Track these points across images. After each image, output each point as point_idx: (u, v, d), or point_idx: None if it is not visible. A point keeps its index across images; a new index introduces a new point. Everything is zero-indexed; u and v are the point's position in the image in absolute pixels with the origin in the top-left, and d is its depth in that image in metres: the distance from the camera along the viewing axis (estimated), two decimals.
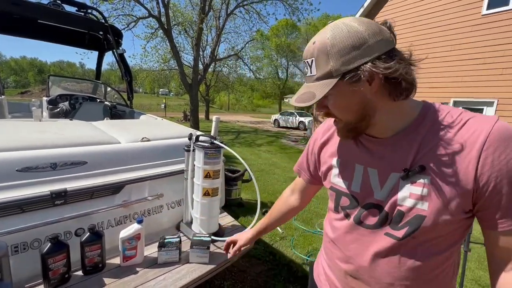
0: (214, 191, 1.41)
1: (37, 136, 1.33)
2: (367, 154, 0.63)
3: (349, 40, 0.50)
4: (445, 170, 0.53)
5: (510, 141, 0.49)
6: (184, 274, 1.14)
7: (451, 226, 0.56)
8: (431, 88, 7.19)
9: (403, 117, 0.58)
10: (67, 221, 1.13)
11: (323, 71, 0.53)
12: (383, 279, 0.62)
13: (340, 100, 0.57)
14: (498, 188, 0.50)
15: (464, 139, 0.52)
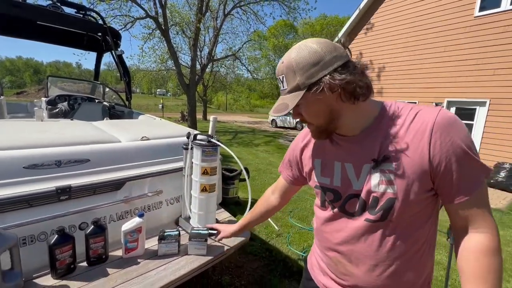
0: (211, 187, 1.48)
1: (41, 135, 1.39)
2: (342, 152, 0.73)
3: (309, 59, 0.62)
4: (405, 157, 0.63)
5: (451, 126, 0.60)
6: (183, 265, 1.20)
7: (419, 205, 0.65)
8: (425, 88, 7.32)
9: (366, 117, 0.69)
10: (71, 216, 1.19)
11: (292, 85, 0.65)
12: (368, 261, 0.70)
13: (309, 108, 0.67)
14: (449, 167, 0.60)
15: (416, 129, 0.62)
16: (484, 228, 0.62)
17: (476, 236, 0.62)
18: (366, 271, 0.71)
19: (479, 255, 0.60)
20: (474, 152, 0.61)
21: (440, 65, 6.94)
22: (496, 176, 5.70)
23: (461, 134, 0.60)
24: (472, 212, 0.62)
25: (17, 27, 3.20)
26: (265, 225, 3.25)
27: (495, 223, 0.62)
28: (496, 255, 0.60)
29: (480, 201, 0.62)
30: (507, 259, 2.90)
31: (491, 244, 0.61)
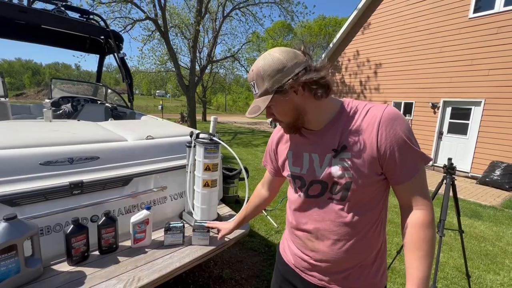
0: (213, 183, 1.57)
1: (53, 135, 1.48)
2: (310, 144, 0.84)
3: (274, 66, 0.72)
4: (359, 146, 0.74)
5: (395, 120, 0.72)
6: (188, 254, 1.29)
7: (372, 187, 0.77)
8: (422, 88, 7.43)
9: (328, 113, 0.80)
10: (83, 209, 1.29)
11: (261, 90, 0.75)
12: (331, 236, 0.81)
13: (278, 108, 0.78)
14: (392, 154, 0.72)
15: (368, 123, 0.74)
16: (421, 205, 0.74)
17: (415, 212, 0.74)
18: (329, 245, 0.81)
19: (416, 228, 0.73)
20: (413, 143, 0.72)
21: (435, 65, 7.06)
22: (491, 175, 5.81)
23: (402, 127, 0.71)
24: (412, 193, 0.74)
25: (22, 31, 3.29)
26: (264, 222, 3.34)
27: (430, 202, 0.74)
28: (430, 228, 0.72)
29: (419, 184, 0.74)
30: (499, 253, 3.00)
31: (425, 218, 0.73)
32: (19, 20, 2.93)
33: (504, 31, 5.86)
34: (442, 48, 6.88)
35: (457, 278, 2.47)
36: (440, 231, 1.83)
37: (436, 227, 0.76)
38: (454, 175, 1.90)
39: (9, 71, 73.63)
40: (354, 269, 0.81)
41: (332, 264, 0.82)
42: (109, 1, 9.93)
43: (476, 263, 2.77)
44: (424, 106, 7.44)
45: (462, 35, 6.51)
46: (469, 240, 3.25)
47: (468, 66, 6.46)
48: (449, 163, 1.89)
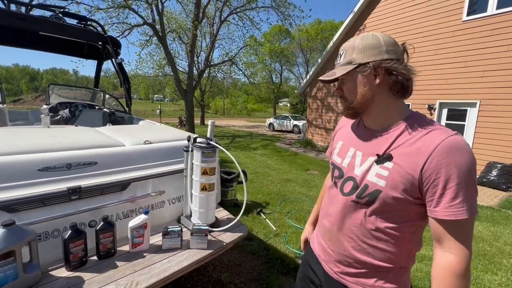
0: (210, 186, 1.59)
1: (51, 140, 1.49)
2: (359, 141, 0.84)
3: (370, 44, 0.73)
4: (404, 161, 0.71)
5: (456, 150, 0.65)
6: (186, 257, 1.30)
7: (401, 205, 0.72)
8: (418, 90, 7.49)
9: (392, 116, 0.77)
10: (81, 214, 1.29)
11: (346, 60, 0.76)
12: (348, 234, 0.83)
13: (351, 84, 0.77)
14: (436, 182, 0.66)
15: (424, 143, 0.69)
16: (455, 250, 0.67)
17: (445, 255, 0.68)
18: (345, 241, 0.84)
19: (445, 274, 0.67)
20: (467, 181, 0.64)
21: (431, 67, 7.14)
22: (488, 175, 5.85)
23: (462, 160, 0.64)
24: (448, 233, 0.67)
25: (20, 38, 3.31)
26: (263, 226, 3.34)
27: (468, 250, 0.67)
28: (460, 278, 0.66)
29: (460, 229, 0.67)
30: (497, 253, 3.02)
31: (458, 266, 0.66)
32: (17, 28, 2.95)
33: (497, 33, 5.95)
34: (437, 50, 6.97)
35: None
36: None
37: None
38: None
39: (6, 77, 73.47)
40: (368, 270, 0.81)
41: (345, 259, 0.84)
42: (107, 7, 9.99)
43: (474, 263, 2.78)
44: (420, 107, 7.50)
45: (456, 38, 6.60)
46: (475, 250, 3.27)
47: (463, 68, 6.54)
48: None
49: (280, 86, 32.06)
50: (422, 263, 2.69)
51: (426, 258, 2.80)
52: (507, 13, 5.80)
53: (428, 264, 2.67)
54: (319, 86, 11.02)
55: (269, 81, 29.50)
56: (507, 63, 5.84)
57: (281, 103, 47.27)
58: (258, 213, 3.75)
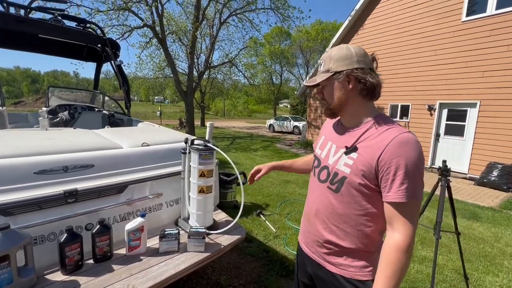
0: (208, 189, 1.58)
1: (48, 143, 1.49)
2: (336, 136, 0.98)
3: (343, 55, 0.87)
4: (365, 152, 0.84)
5: (405, 144, 0.78)
6: (183, 261, 1.29)
7: (364, 190, 0.85)
8: (418, 91, 7.49)
9: (362, 116, 0.91)
10: (78, 217, 1.29)
11: (325, 68, 0.90)
12: (322, 217, 0.96)
13: (330, 89, 0.92)
14: (388, 170, 0.78)
15: (382, 138, 0.82)
16: (402, 230, 0.78)
17: (393, 235, 0.79)
18: (319, 223, 0.97)
19: (391, 250, 0.78)
20: (414, 171, 0.76)
21: (431, 68, 7.13)
22: (489, 176, 5.83)
23: (410, 153, 0.77)
24: (397, 214, 0.79)
25: (20, 41, 3.31)
26: (263, 227, 3.33)
27: (413, 230, 0.77)
28: (403, 253, 0.76)
29: (406, 210, 0.78)
30: (498, 254, 3.00)
31: (402, 244, 0.77)
32: (16, 30, 2.95)
33: (496, 33, 5.95)
34: (437, 51, 6.96)
35: (456, 280, 2.46)
36: (436, 233, 1.83)
37: (433, 229, 0.80)
38: (448, 177, 1.91)
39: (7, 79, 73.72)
40: (338, 250, 0.92)
41: (318, 240, 0.97)
42: (107, 9, 10.02)
43: (475, 265, 2.76)
44: (420, 108, 7.49)
45: (456, 38, 6.60)
46: (467, 242, 3.25)
47: (462, 69, 6.53)
48: (444, 165, 1.90)
49: (280, 87, 32.06)
50: (423, 265, 2.68)
51: (426, 259, 2.78)
52: (507, 13, 5.80)
53: (429, 266, 2.65)
54: None
55: (269, 82, 29.51)
56: (507, 63, 5.83)
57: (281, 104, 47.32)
58: (258, 214, 3.74)
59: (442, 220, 1.84)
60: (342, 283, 0.91)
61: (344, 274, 0.91)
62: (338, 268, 0.92)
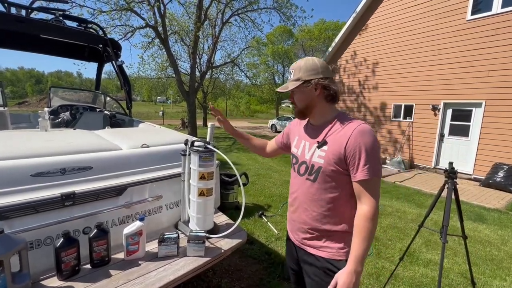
0: (208, 191, 1.54)
1: (46, 145, 1.46)
2: (307, 134, 1.14)
3: (311, 65, 1.05)
4: (334, 144, 1.00)
5: (364, 133, 0.96)
6: (182, 266, 1.26)
7: (337, 177, 1.00)
8: (421, 91, 7.40)
9: (327, 115, 1.09)
10: (75, 220, 1.26)
11: (295, 77, 1.07)
12: (303, 205, 1.11)
13: (299, 94, 1.09)
14: (354, 155, 0.95)
15: (346, 130, 0.99)
16: (368, 202, 0.94)
17: (362, 207, 0.96)
18: (301, 212, 1.11)
19: (361, 218, 0.95)
20: (372, 154, 0.94)
21: (435, 67, 7.05)
22: (495, 177, 5.74)
23: (368, 140, 0.95)
24: (363, 191, 0.95)
25: (22, 41, 3.30)
26: (264, 229, 3.29)
27: (376, 202, 0.95)
28: (371, 220, 0.93)
29: (370, 186, 0.95)
30: (505, 258, 2.93)
31: (368, 213, 0.93)
32: (17, 30, 2.94)
33: (501, 32, 5.85)
34: (441, 50, 6.87)
35: (462, 284, 2.41)
36: (443, 237, 1.78)
37: (439, 232, 0.87)
38: (455, 179, 1.85)
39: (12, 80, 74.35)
40: (319, 234, 1.07)
41: (302, 226, 1.11)
42: (109, 10, 10.03)
43: (481, 268, 2.70)
44: (424, 108, 7.41)
45: (460, 37, 6.51)
46: (473, 245, 3.19)
47: (467, 68, 6.44)
48: (450, 167, 1.85)
49: None
50: (428, 268, 2.63)
51: (432, 263, 2.73)
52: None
53: (434, 269, 2.60)
54: None
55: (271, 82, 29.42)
56: None
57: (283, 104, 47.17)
58: (260, 216, 3.70)
59: (448, 224, 1.79)
60: (322, 263, 1.06)
61: (324, 255, 1.05)
62: (319, 250, 1.07)
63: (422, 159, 7.58)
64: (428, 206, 4.67)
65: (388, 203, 4.63)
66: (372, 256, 2.83)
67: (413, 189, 5.64)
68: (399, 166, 7.59)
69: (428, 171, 7.34)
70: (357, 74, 9.28)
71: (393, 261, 2.71)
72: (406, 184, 6.00)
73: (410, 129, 7.80)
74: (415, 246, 3.10)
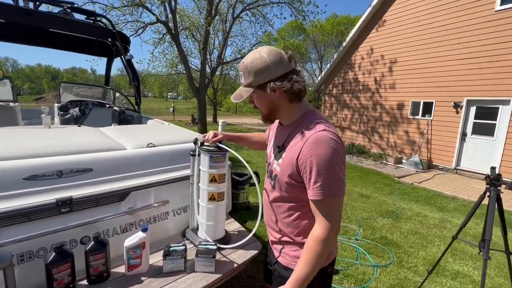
0: (219, 196, 1.39)
1: (44, 144, 1.34)
2: (276, 136, 1.03)
3: (259, 66, 0.85)
4: (290, 151, 0.88)
5: (319, 143, 0.79)
6: (190, 284, 1.11)
7: (291, 188, 0.89)
8: (442, 87, 7.00)
9: (292, 116, 0.94)
10: (72, 229, 1.13)
11: (246, 82, 0.90)
12: (268, 211, 1.04)
13: (258, 100, 0.93)
14: (306, 170, 0.81)
15: (300, 138, 0.85)
16: (321, 224, 0.82)
17: (315, 228, 0.84)
18: (268, 216, 1.05)
19: (310, 240, 0.83)
20: (328, 170, 0.78)
21: (458, 62, 6.63)
22: None
23: (324, 152, 0.78)
24: (318, 211, 0.82)
25: (30, 34, 3.24)
26: None
27: (331, 225, 0.81)
28: (320, 244, 0.80)
29: (326, 207, 0.81)
30: None
31: (319, 236, 0.81)
32: (25, 23, 2.87)
33: None
34: (465, 43, 6.45)
35: None
36: (485, 253, 1.56)
37: (478, 246, 0.67)
38: (499, 187, 1.62)
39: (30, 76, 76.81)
40: (279, 238, 1.01)
41: (269, 226, 1.06)
42: (121, 5, 10.02)
43: None
44: (445, 105, 7.01)
45: (487, 29, 6.07)
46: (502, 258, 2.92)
47: (494, 63, 6.01)
48: (494, 173, 1.62)
49: None
50: (456, 281, 2.40)
51: (460, 275, 2.50)
52: None
53: (463, 283, 2.37)
54: (334, 83, 10.62)
55: None
56: None
57: None
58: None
59: (491, 238, 1.56)
60: (279, 267, 1.00)
61: (282, 261, 0.99)
62: (279, 254, 1.01)
63: (441, 159, 7.20)
64: (450, 210, 4.40)
65: (407, 206, 4.37)
66: (393, 264, 2.62)
67: (433, 191, 5.33)
68: (417, 166, 7.25)
69: (448, 172, 6.97)
70: (372, 70, 8.91)
71: (417, 272, 2.50)
72: (425, 185, 5.69)
73: (429, 127, 7.41)
74: (440, 254, 2.87)
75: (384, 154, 8.52)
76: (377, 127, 8.97)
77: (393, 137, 8.46)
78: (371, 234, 3.26)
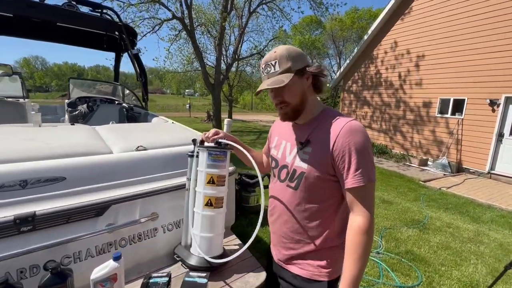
0: (218, 201, 1.15)
1: (14, 147, 1.16)
2: (289, 134, 0.98)
3: (296, 52, 0.88)
4: (319, 145, 0.87)
5: (354, 131, 0.82)
6: None
7: (323, 184, 0.87)
8: (476, 83, 6.36)
9: (313, 112, 0.93)
10: (33, 253, 0.93)
11: (284, 68, 0.85)
12: (284, 216, 0.95)
13: (292, 88, 0.87)
14: (343, 158, 0.81)
15: (332, 129, 0.85)
16: (361, 212, 0.81)
17: (355, 218, 0.82)
18: (282, 223, 0.96)
19: (353, 233, 0.80)
20: (365, 156, 0.80)
21: (494, 55, 5.96)
22: None
23: (359, 139, 0.80)
24: (356, 199, 0.81)
25: (35, 28, 3.17)
26: None
27: (371, 213, 0.81)
28: (366, 234, 0.79)
29: (363, 194, 0.81)
30: None
31: (363, 225, 0.79)
32: (29, 16, 2.78)
33: None
34: (503, 34, 5.77)
35: None
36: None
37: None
38: None
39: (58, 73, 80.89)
40: (300, 249, 0.93)
41: (282, 240, 0.97)
42: (138, 2, 10.05)
43: None
44: (479, 103, 6.36)
45: None
46: None
47: None
48: None
49: None
50: None
51: None
52: None
53: None
54: (353, 78, 10.08)
55: None
56: None
57: None
58: None
59: None
60: (300, 282, 0.92)
61: (303, 274, 0.92)
62: (298, 267, 0.93)
63: (473, 162, 6.57)
64: (486, 222, 3.89)
65: (435, 215, 3.94)
66: (422, 286, 2.28)
67: (464, 198, 4.81)
68: (444, 169, 6.66)
69: (480, 176, 6.34)
70: (396, 65, 8.32)
71: None
72: (455, 191, 5.17)
73: (460, 127, 6.78)
74: (478, 276, 2.49)
75: (408, 155, 7.94)
76: (400, 125, 8.39)
77: (418, 136, 7.87)
78: (395, 247, 2.91)
